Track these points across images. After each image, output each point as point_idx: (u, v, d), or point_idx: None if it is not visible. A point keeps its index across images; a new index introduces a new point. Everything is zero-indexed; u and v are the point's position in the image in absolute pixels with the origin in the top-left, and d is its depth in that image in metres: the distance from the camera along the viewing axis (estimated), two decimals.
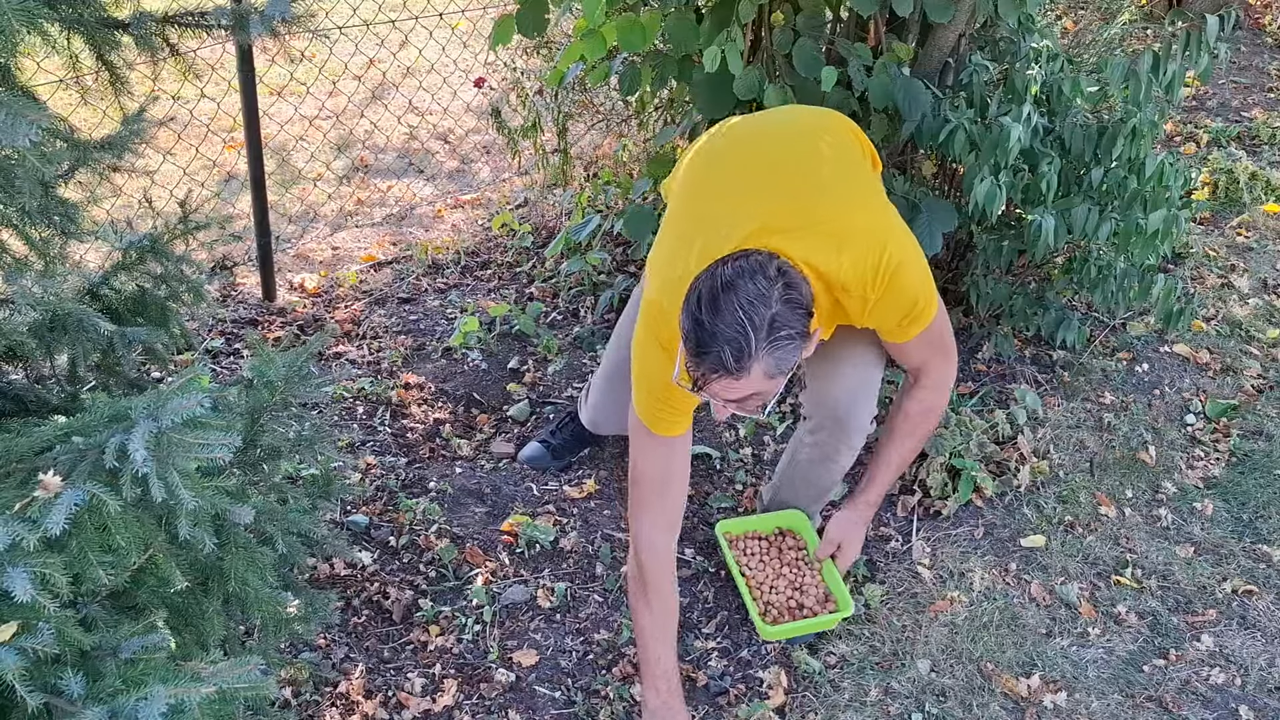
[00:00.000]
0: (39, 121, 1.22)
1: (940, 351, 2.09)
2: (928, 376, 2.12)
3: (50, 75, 2.71)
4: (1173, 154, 2.94)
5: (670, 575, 2.11)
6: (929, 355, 2.08)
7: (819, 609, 2.32)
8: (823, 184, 1.95)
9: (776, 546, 2.44)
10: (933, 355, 2.08)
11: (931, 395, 2.14)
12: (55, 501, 1.19)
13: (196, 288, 1.93)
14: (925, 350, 2.06)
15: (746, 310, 1.67)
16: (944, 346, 2.09)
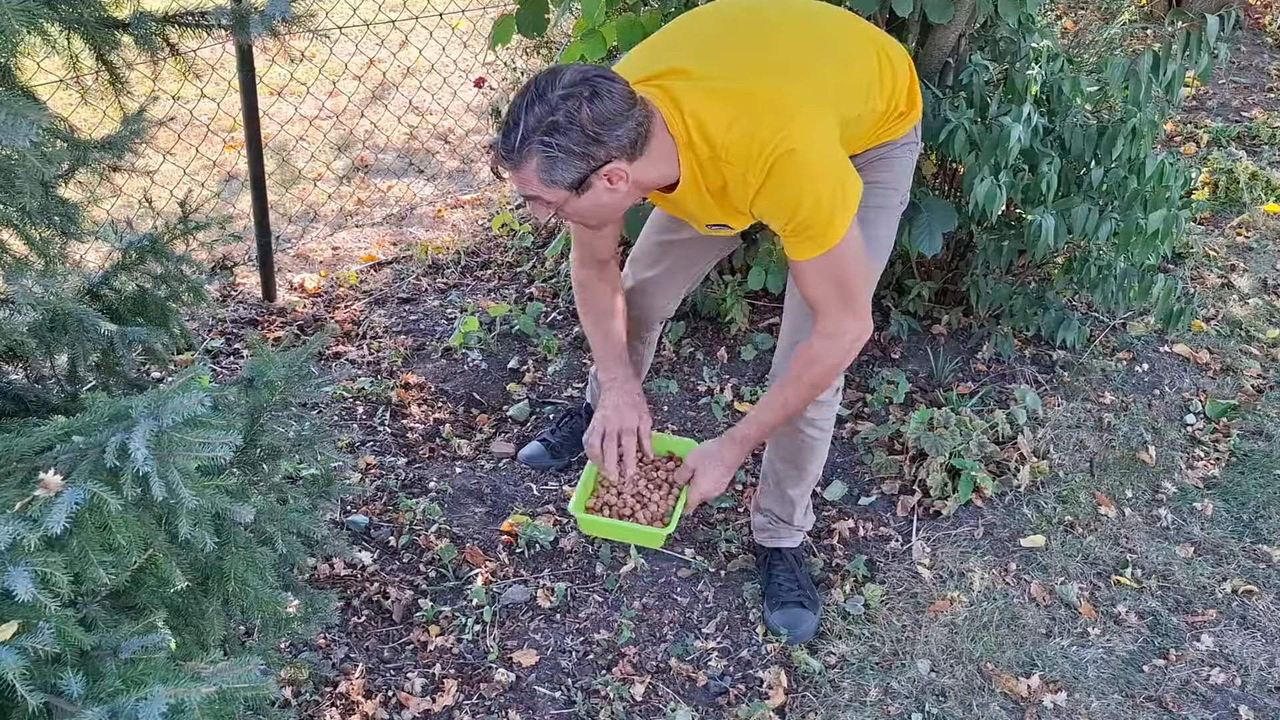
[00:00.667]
0: (39, 121, 1.22)
1: (839, 293, 1.90)
2: (821, 321, 1.94)
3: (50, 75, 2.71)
4: (1173, 154, 2.94)
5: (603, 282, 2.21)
6: (825, 292, 1.91)
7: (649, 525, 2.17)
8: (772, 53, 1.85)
9: (653, 464, 2.26)
10: (828, 294, 1.90)
11: (820, 344, 1.96)
12: (56, 501, 1.19)
13: (196, 288, 1.93)
14: (821, 283, 1.90)
15: (537, 107, 1.67)
16: (844, 288, 1.90)
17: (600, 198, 1.77)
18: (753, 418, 2.11)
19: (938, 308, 3.35)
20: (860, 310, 1.95)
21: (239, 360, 3.12)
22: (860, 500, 2.75)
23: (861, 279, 1.95)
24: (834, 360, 1.98)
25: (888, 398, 3.04)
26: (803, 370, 2.01)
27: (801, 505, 2.44)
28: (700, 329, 3.29)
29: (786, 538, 2.46)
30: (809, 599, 2.40)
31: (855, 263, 1.91)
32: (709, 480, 2.11)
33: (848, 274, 1.90)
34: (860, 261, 1.93)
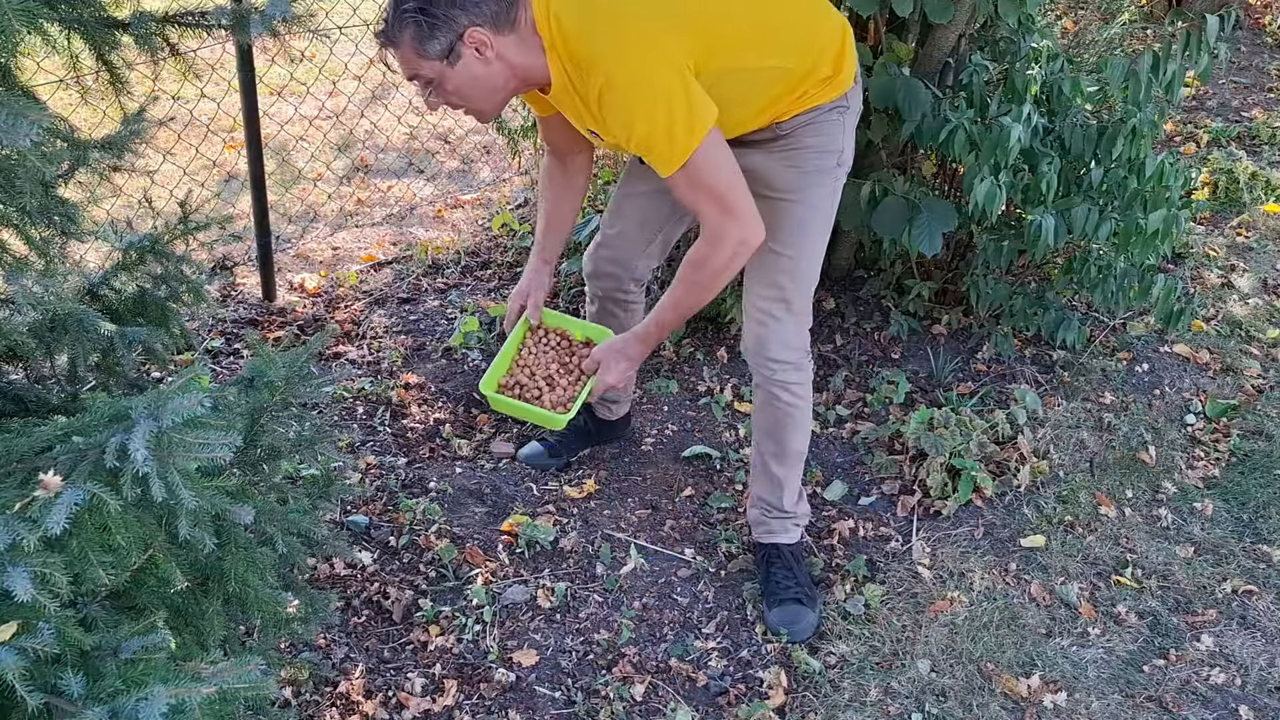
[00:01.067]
0: (39, 121, 1.22)
1: (711, 200, 1.98)
2: (703, 226, 2.03)
3: (50, 75, 2.71)
4: (1173, 154, 2.94)
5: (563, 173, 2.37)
6: (696, 200, 1.99)
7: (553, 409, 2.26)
8: None
9: (570, 350, 2.35)
10: (700, 201, 1.99)
11: (704, 247, 2.04)
12: (55, 501, 1.19)
13: (196, 288, 1.93)
14: (690, 193, 1.98)
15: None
16: (715, 196, 1.98)
17: (473, 68, 1.89)
18: (653, 317, 2.18)
19: (938, 308, 3.35)
20: (740, 214, 2.00)
21: (239, 360, 3.12)
22: (860, 500, 2.75)
23: (730, 185, 1.99)
24: (720, 262, 2.04)
25: (888, 398, 3.04)
26: (691, 272, 2.08)
27: (790, 488, 2.44)
28: (700, 329, 3.29)
29: (781, 532, 2.47)
30: (808, 596, 2.41)
31: (716, 172, 1.97)
32: (612, 373, 2.21)
33: (713, 181, 1.97)
34: (725, 168, 1.98)
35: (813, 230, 2.23)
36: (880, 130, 3.00)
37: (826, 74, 2.11)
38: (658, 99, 1.88)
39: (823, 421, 2.98)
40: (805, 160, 2.15)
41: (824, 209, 2.22)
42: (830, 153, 2.18)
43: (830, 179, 2.20)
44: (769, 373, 2.30)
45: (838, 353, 3.22)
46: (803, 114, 2.13)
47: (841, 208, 3.01)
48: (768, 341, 2.27)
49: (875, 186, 2.93)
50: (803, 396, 2.34)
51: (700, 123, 1.91)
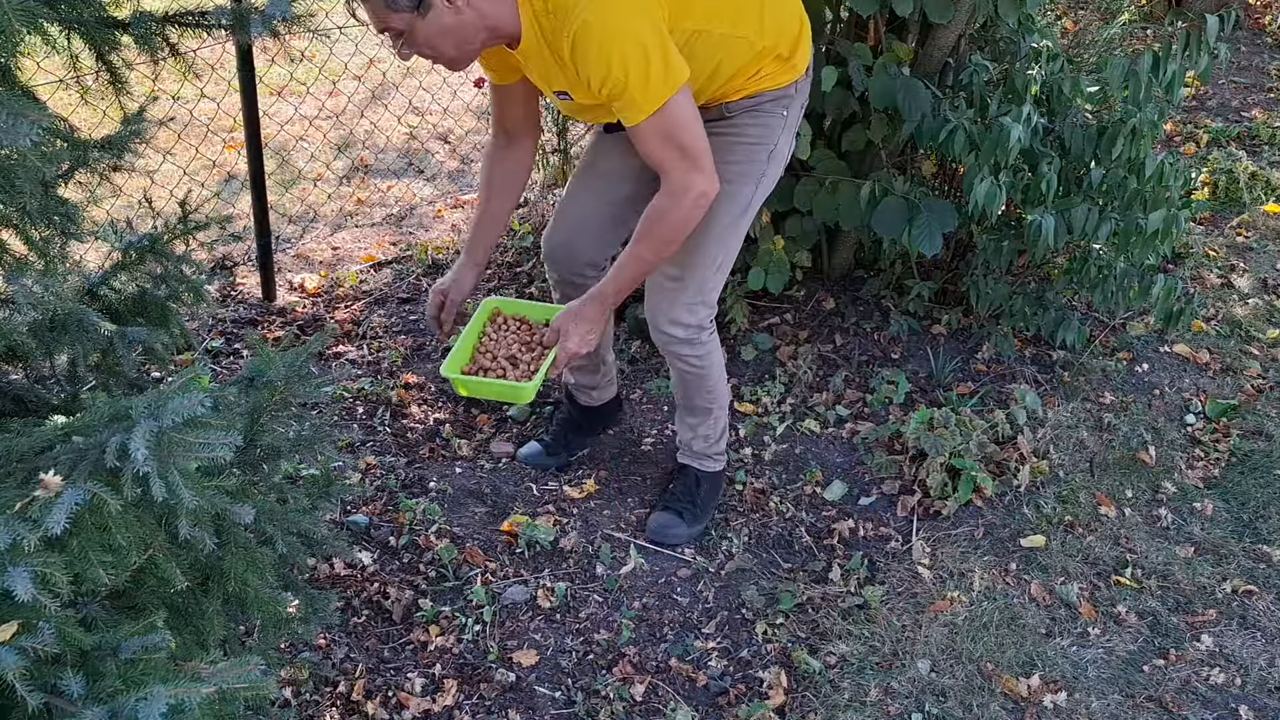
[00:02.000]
0: (39, 121, 1.22)
1: (679, 153, 2.02)
2: (666, 179, 2.06)
3: (50, 75, 2.71)
4: (1173, 154, 2.94)
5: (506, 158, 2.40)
6: (664, 153, 2.02)
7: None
8: None
9: (530, 331, 2.36)
10: (668, 155, 2.02)
11: (665, 200, 2.07)
12: (56, 501, 1.19)
13: (196, 288, 1.93)
14: (658, 145, 2.01)
15: None
16: (683, 148, 2.02)
17: (444, 19, 1.91)
18: (611, 275, 2.20)
19: (938, 308, 3.35)
20: (703, 167, 2.04)
21: (239, 360, 3.12)
22: (860, 500, 2.75)
23: (697, 137, 2.03)
24: (680, 214, 2.08)
25: (888, 398, 3.04)
26: (652, 226, 2.11)
27: (701, 434, 2.58)
28: None
29: (693, 460, 2.63)
30: (689, 513, 2.58)
31: (687, 124, 2.01)
32: (574, 338, 2.22)
33: (682, 135, 2.01)
34: (694, 124, 2.02)
35: (723, 221, 2.26)
36: (880, 130, 3.00)
37: (783, 53, 2.17)
38: (635, 44, 1.91)
39: (822, 421, 2.98)
40: (736, 151, 2.21)
41: (740, 202, 2.27)
42: (763, 146, 2.24)
43: (756, 174, 2.26)
44: (662, 341, 2.39)
45: (838, 353, 3.22)
46: (752, 97, 2.19)
47: (842, 208, 3.03)
48: (657, 314, 2.35)
49: (875, 186, 2.93)
50: (700, 366, 2.43)
51: (675, 73, 1.95)
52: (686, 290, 2.30)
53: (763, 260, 3.11)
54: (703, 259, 2.28)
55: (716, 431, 2.60)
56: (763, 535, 2.63)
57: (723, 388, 2.54)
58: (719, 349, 2.47)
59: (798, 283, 3.39)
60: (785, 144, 2.29)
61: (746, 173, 2.25)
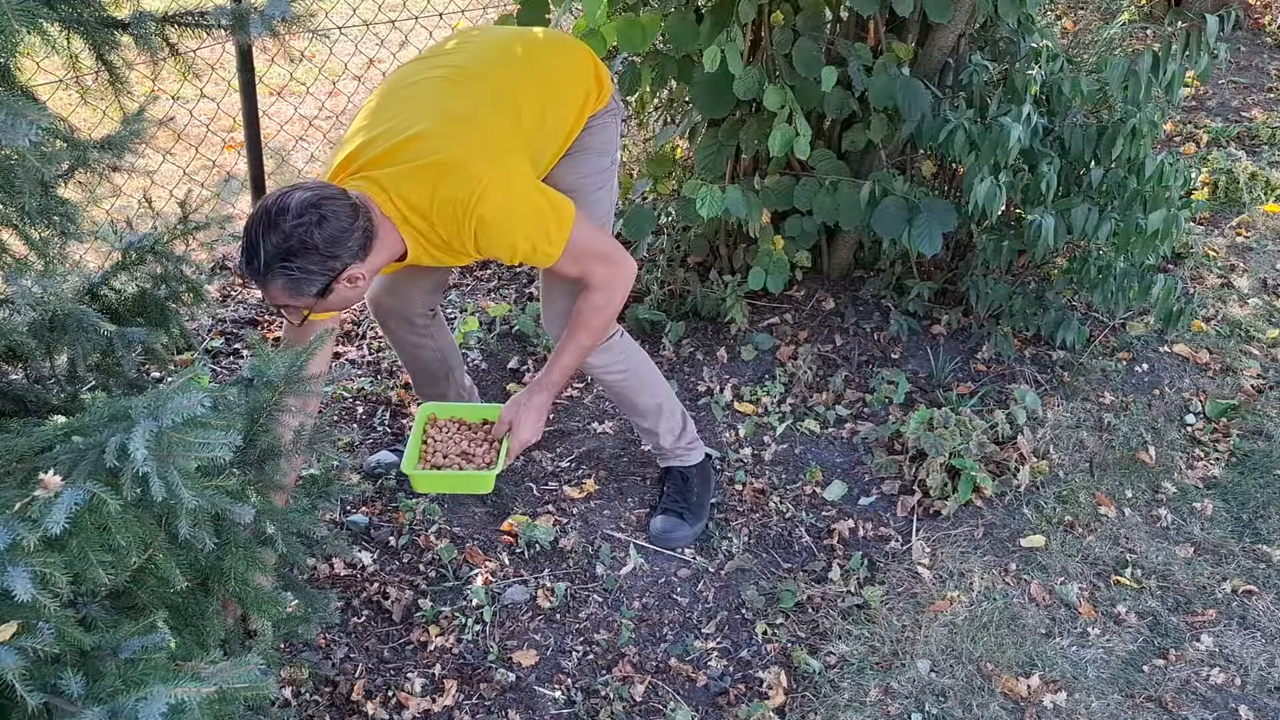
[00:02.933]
0: (39, 121, 1.22)
1: (595, 259, 2.16)
2: (591, 280, 2.18)
3: (50, 75, 2.71)
4: (1173, 154, 2.94)
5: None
6: (583, 269, 2.16)
7: None
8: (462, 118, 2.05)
9: (472, 429, 2.39)
10: (587, 269, 2.16)
11: (598, 295, 2.20)
12: (55, 501, 1.19)
13: (196, 288, 1.93)
14: (576, 267, 2.15)
15: (272, 235, 1.84)
16: (597, 255, 2.16)
17: (344, 294, 1.97)
18: (553, 363, 2.30)
19: (937, 308, 3.35)
20: (618, 259, 2.20)
21: (239, 360, 3.12)
22: (860, 500, 2.75)
23: (602, 241, 2.20)
24: (614, 304, 2.23)
25: (888, 398, 3.04)
26: (590, 318, 2.23)
27: (662, 431, 2.60)
28: (700, 329, 3.29)
29: (673, 458, 2.66)
30: (689, 513, 2.61)
31: (592, 240, 2.16)
32: (525, 427, 2.28)
33: (591, 249, 2.15)
34: (594, 232, 2.18)
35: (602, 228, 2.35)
36: (880, 130, 3.00)
37: (595, 94, 2.30)
38: (531, 215, 2.04)
39: (822, 421, 2.98)
40: (586, 163, 2.31)
41: (603, 210, 2.36)
42: (605, 154, 2.35)
43: (606, 181, 2.37)
44: None
45: (837, 353, 3.22)
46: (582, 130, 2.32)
47: (842, 208, 3.03)
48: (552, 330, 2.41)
49: (875, 186, 2.93)
50: (619, 371, 2.47)
51: (565, 215, 2.08)
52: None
53: (763, 260, 3.11)
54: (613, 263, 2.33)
55: (677, 422, 2.62)
56: (763, 535, 2.64)
57: (658, 380, 2.56)
58: (635, 348, 2.51)
59: (798, 283, 3.39)
60: (619, 147, 2.43)
61: (599, 180, 2.34)
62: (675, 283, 3.30)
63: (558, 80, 2.23)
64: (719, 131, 3.07)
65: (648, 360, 2.55)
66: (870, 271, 3.47)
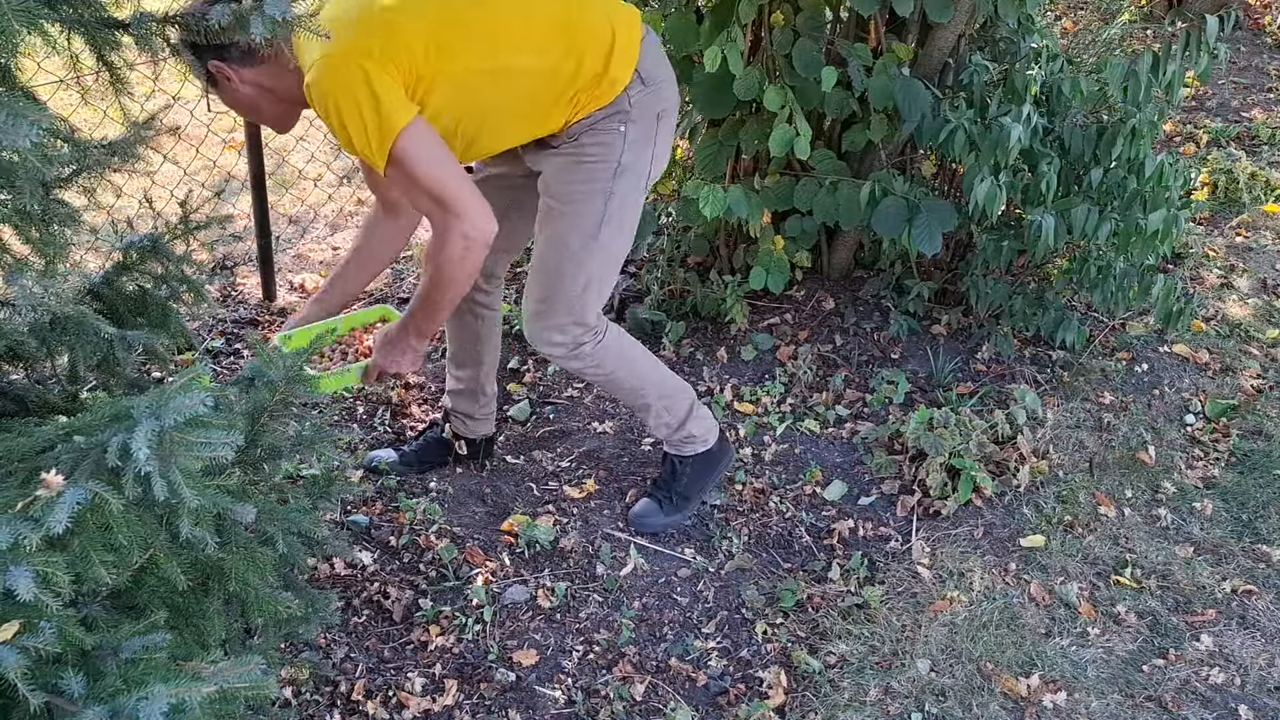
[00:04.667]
0: (40, 122, 1.22)
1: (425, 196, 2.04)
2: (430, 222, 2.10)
3: (50, 75, 2.71)
4: (1172, 154, 2.95)
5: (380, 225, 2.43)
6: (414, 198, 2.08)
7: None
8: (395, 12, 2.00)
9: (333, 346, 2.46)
10: (418, 199, 2.07)
11: (434, 241, 2.10)
12: (57, 500, 1.19)
13: (197, 288, 1.93)
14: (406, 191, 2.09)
15: None
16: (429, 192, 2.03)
17: (234, 93, 2.06)
18: (411, 309, 2.23)
19: (937, 308, 3.35)
20: (458, 209, 2.03)
21: (239, 360, 3.13)
22: (860, 500, 2.75)
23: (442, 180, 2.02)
24: (449, 256, 2.08)
25: (887, 398, 3.04)
26: (427, 266, 2.13)
27: (661, 423, 2.55)
28: (700, 329, 3.29)
29: (669, 446, 2.62)
30: (668, 501, 2.62)
31: (423, 167, 2.00)
32: (380, 355, 2.28)
33: (421, 178, 2.01)
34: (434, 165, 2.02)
35: (572, 244, 2.24)
36: (880, 130, 3.00)
37: (597, 71, 2.12)
38: (348, 100, 1.95)
39: (822, 421, 2.98)
40: (577, 171, 2.20)
41: (589, 221, 2.24)
42: (606, 163, 2.20)
43: (601, 191, 2.22)
44: (551, 358, 2.39)
45: (837, 353, 3.23)
46: (582, 120, 2.18)
47: (842, 208, 3.03)
48: (533, 334, 2.34)
49: (875, 186, 2.93)
50: (602, 372, 2.41)
51: (389, 122, 1.95)
52: (556, 314, 2.29)
53: (763, 260, 3.11)
54: (563, 284, 2.26)
55: (674, 419, 2.54)
56: (763, 535, 2.64)
57: (648, 380, 2.48)
58: (617, 349, 2.40)
59: (798, 283, 3.39)
60: (636, 159, 2.23)
61: (589, 192, 2.22)
62: (675, 283, 3.31)
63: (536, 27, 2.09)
64: (719, 131, 3.07)
65: (636, 364, 2.46)
66: (870, 271, 3.47)
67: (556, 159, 2.23)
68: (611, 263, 2.33)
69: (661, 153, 2.30)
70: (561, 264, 2.25)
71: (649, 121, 2.23)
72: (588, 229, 2.24)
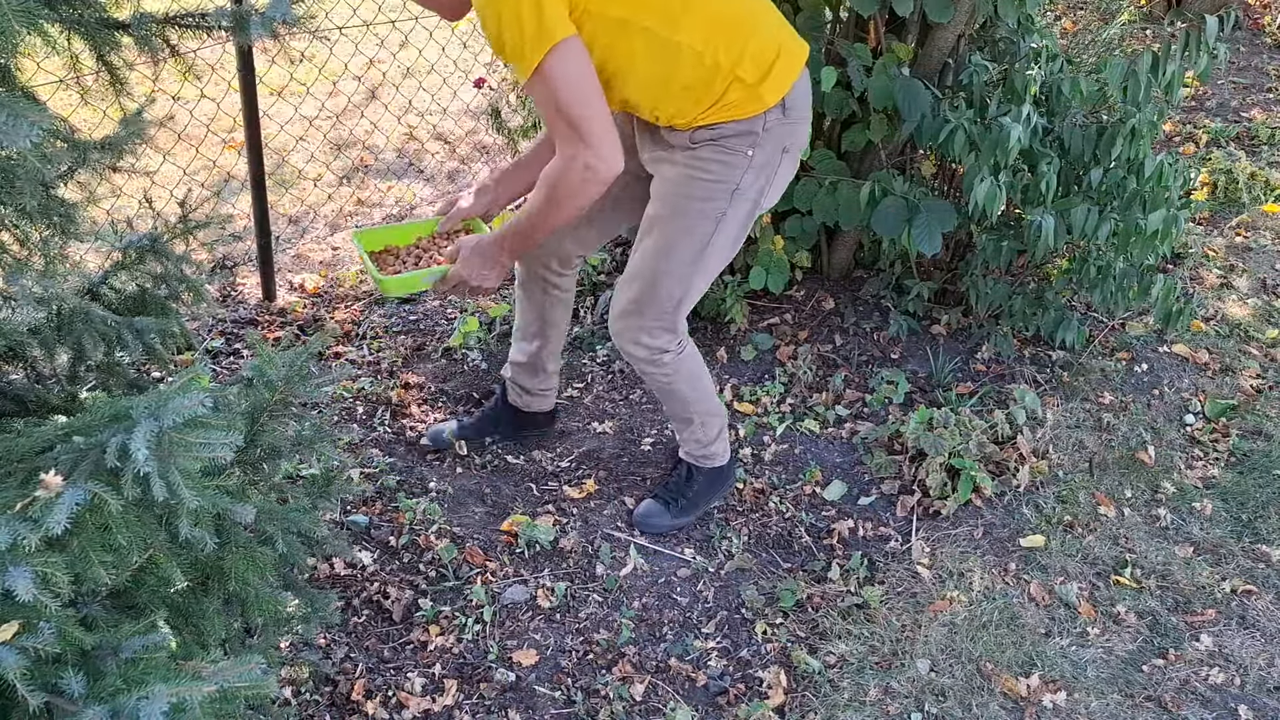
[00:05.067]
0: (40, 122, 1.22)
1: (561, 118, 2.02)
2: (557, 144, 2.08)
3: (50, 75, 2.71)
4: (1172, 154, 2.95)
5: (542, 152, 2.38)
6: (549, 116, 2.05)
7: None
8: None
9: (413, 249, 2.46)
10: (552, 119, 2.04)
11: (557, 163, 2.08)
12: (57, 501, 1.19)
13: (197, 287, 1.93)
14: (543, 107, 2.05)
15: None
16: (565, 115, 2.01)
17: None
18: (512, 222, 2.24)
19: (937, 308, 3.35)
20: (589, 139, 2.02)
21: (239, 360, 3.13)
22: (860, 500, 2.75)
23: (581, 105, 2.01)
24: (568, 183, 2.07)
25: (887, 398, 3.04)
26: (543, 184, 2.13)
27: (688, 438, 2.59)
28: (700, 329, 3.29)
29: (688, 456, 2.64)
30: (675, 504, 2.62)
31: (567, 89, 1.98)
32: (465, 265, 2.24)
33: (562, 102, 1.99)
34: (577, 89, 2.00)
35: (677, 256, 2.24)
36: (880, 130, 3.00)
37: (748, 80, 2.10)
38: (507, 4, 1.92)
39: (822, 422, 2.98)
40: (697, 188, 2.19)
41: (698, 240, 2.23)
42: (724, 184, 2.19)
43: (715, 213, 2.21)
44: (627, 356, 2.41)
45: (837, 353, 3.23)
46: (713, 127, 2.15)
47: (842, 208, 3.03)
48: (620, 333, 2.36)
49: (875, 186, 2.94)
50: (667, 381, 2.43)
51: (547, 33, 1.93)
52: (645, 317, 2.31)
53: (763, 260, 3.11)
54: (659, 292, 2.27)
55: (707, 435, 2.58)
56: (762, 535, 2.64)
57: (702, 400, 2.51)
58: (690, 366, 2.43)
59: (797, 283, 3.39)
60: (753, 185, 2.21)
61: (703, 210, 2.20)
62: None
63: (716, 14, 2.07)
64: None
65: (697, 379, 2.47)
66: (870, 271, 3.47)
67: (675, 168, 2.21)
68: (708, 278, 2.33)
69: (778, 187, 2.28)
70: (662, 273, 2.25)
71: (775, 152, 2.20)
72: (695, 246, 2.23)
